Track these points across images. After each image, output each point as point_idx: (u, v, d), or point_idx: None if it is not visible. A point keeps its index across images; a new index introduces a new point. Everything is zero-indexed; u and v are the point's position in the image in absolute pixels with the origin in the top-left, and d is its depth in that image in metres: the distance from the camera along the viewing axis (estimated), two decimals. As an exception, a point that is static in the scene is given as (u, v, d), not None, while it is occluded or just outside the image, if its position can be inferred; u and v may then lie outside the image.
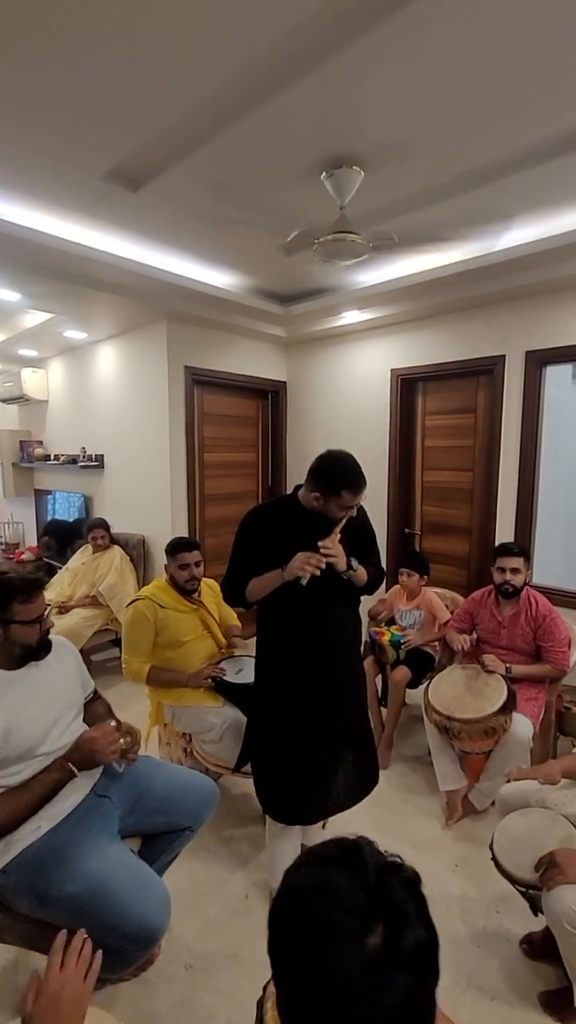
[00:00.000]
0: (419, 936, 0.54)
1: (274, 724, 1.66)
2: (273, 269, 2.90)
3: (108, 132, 1.68)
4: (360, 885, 0.55)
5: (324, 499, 1.56)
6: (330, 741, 1.63)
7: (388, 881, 0.57)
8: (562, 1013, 1.42)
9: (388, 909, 0.54)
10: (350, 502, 1.56)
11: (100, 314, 3.36)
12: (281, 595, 1.59)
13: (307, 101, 1.52)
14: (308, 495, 1.60)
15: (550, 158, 1.79)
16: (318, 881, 0.58)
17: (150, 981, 1.51)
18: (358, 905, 0.54)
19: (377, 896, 0.55)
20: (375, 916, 0.53)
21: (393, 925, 0.53)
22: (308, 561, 1.50)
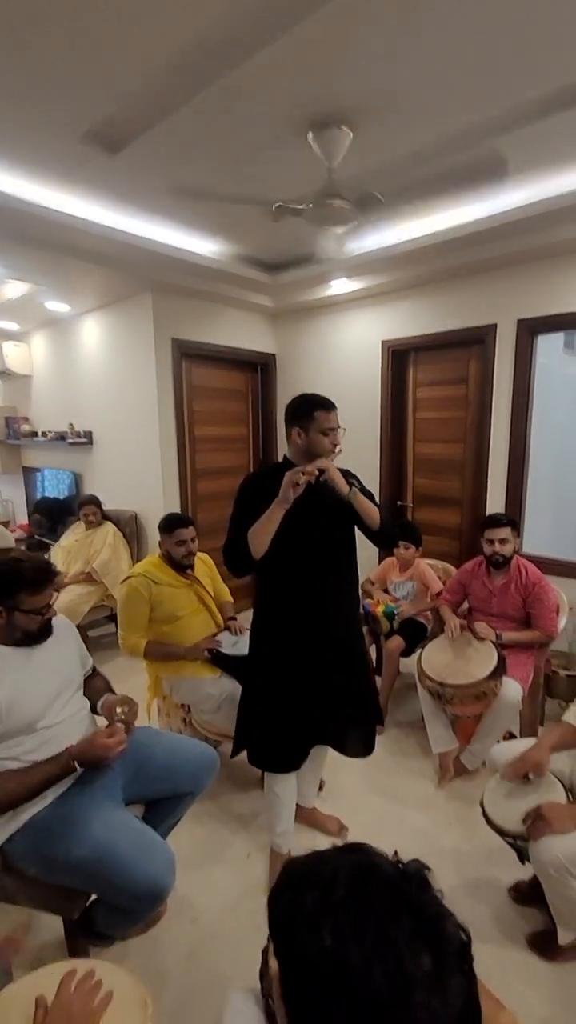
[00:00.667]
0: (456, 928, 0.52)
1: (269, 690, 1.68)
2: (260, 235, 2.82)
3: (84, 92, 1.60)
4: (410, 914, 0.51)
5: (304, 430, 1.57)
6: (325, 705, 1.65)
7: (417, 888, 0.54)
8: (547, 951, 1.51)
9: (430, 921, 0.51)
10: (327, 422, 1.57)
11: (83, 285, 3.26)
12: (279, 565, 1.59)
13: (292, 57, 1.45)
14: (293, 444, 1.61)
15: (542, 117, 1.74)
16: (375, 938, 0.49)
17: (157, 937, 1.58)
18: (413, 941, 0.49)
19: (420, 915, 0.51)
20: (425, 937, 0.50)
21: (438, 935, 0.50)
22: (298, 471, 1.47)
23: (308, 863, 0.58)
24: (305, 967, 0.50)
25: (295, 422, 1.60)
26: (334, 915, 0.51)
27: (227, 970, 1.49)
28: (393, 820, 2.07)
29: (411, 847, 1.93)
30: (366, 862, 0.56)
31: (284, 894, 0.56)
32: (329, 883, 0.54)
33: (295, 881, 0.57)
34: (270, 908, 0.57)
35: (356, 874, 0.55)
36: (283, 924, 0.54)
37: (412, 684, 2.44)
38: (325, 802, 2.10)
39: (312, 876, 0.55)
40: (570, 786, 1.57)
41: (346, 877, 0.54)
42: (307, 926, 0.51)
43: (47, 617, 1.46)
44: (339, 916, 0.50)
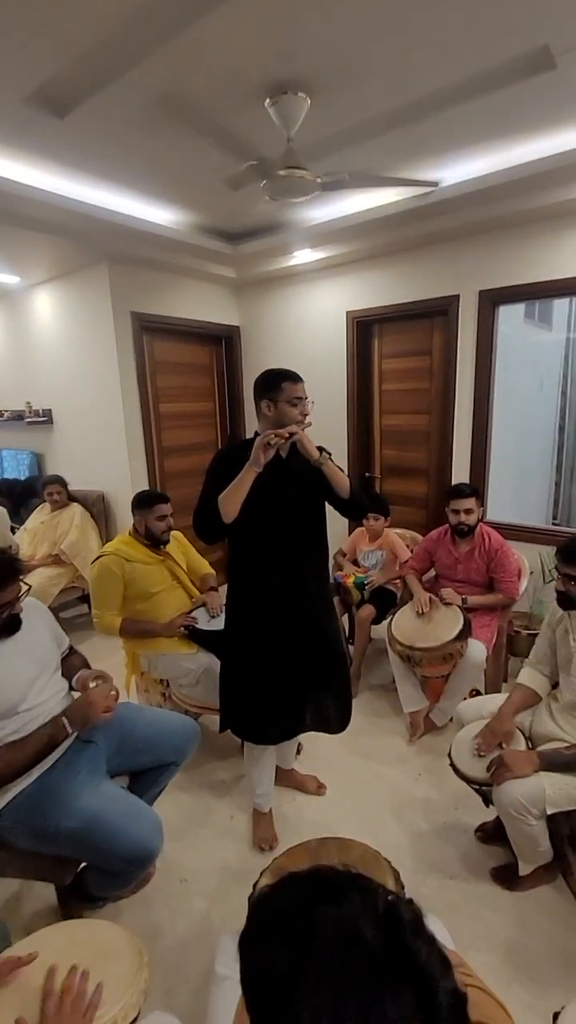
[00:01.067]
0: (449, 987, 0.47)
1: (245, 662, 1.73)
2: (219, 204, 2.74)
3: (27, 49, 1.50)
4: (393, 984, 0.45)
5: (273, 402, 1.60)
6: (300, 669, 1.71)
7: (405, 946, 0.47)
8: (509, 883, 1.66)
9: (420, 982, 0.46)
10: (294, 392, 1.59)
11: (32, 255, 3.11)
12: (250, 537, 1.62)
13: (248, 17, 1.40)
14: (263, 417, 1.63)
15: (503, 85, 1.73)
16: (352, 1015, 0.44)
17: (148, 896, 1.65)
18: (401, 1009, 0.44)
19: (409, 977, 0.46)
20: (413, 1002, 0.45)
21: (428, 994, 0.46)
22: (269, 432, 1.50)
23: (284, 907, 0.52)
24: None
25: (264, 395, 1.62)
26: (307, 989, 0.46)
27: (216, 922, 1.58)
28: (368, 776, 2.19)
29: (385, 798, 2.06)
30: (351, 923, 0.48)
31: (259, 944, 0.51)
32: (304, 946, 0.48)
33: (272, 931, 0.50)
34: (242, 954, 0.51)
35: (339, 941, 0.47)
36: (255, 983, 0.49)
37: (383, 650, 2.54)
38: (303, 763, 2.20)
39: (290, 933, 0.49)
40: (529, 735, 1.69)
41: (326, 941, 0.48)
42: (278, 994, 0.47)
43: (12, 612, 1.43)
44: (314, 991, 0.45)
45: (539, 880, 1.65)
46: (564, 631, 1.69)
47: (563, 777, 1.47)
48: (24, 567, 1.52)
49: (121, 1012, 0.87)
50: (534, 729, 1.70)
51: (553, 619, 1.75)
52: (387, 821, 1.95)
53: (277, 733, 1.77)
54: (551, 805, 1.44)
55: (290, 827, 1.91)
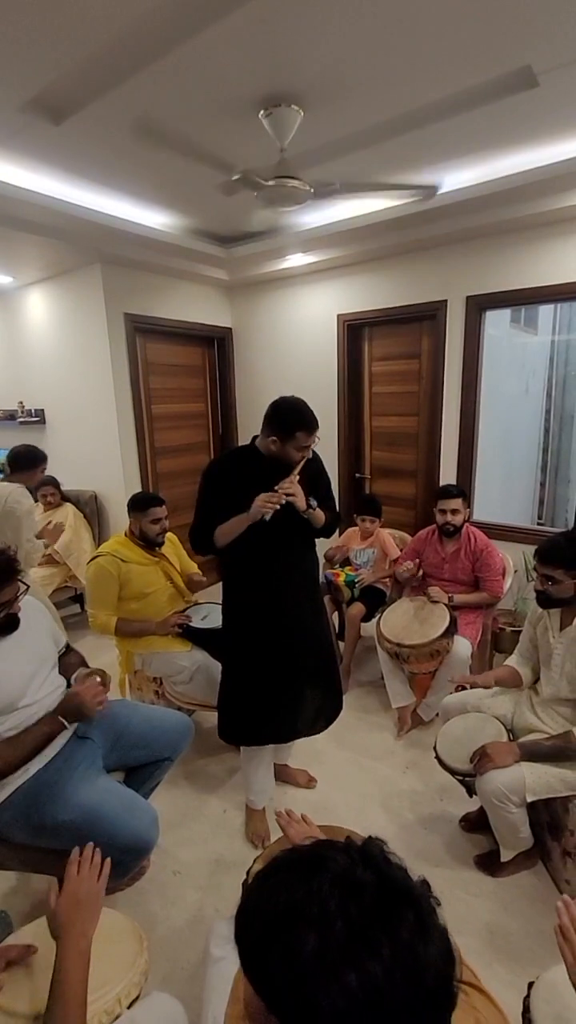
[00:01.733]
0: (424, 892, 0.54)
1: (244, 663, 1.79)
2: (212, 209, 2.78)
3: (26, 59, 1.53)
4: (370, 913, 0.50)
5: (281, 442, 1.64)
6: (295, 675, 1.78)
7: (380, 870, 0.54)
8: (492, 869, 1.73)
9: (407, 899, 0.52)
10: (305, 442, 1.65)
11: (25, 256, 3.12)
12: (244, 541, 1.68)
13: (243, 33, 1.44)
14: (265, 441, 1.68)
15: (488, 101, 1.79)
16: (342, 942, 0.48)
17: (143, 888, 1.70)
18: (398, 928, 0.49)
19: (391, 896, 0.52)
20: (402, 909, 0.51)
21: (418, 911, 0.51)
22: (269, 500, 1.60)
23: (278, 893, 0.55)
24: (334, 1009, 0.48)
25: (274, 431, 1.64)
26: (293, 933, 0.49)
27: (209, 912, 1.63)
28: (356, 769, 2.25)
29: (372, 791, 2.12)
30: (345, 876, 0.54)
31: (280, 936, 0.52)
32: (302, 900, 0.52)
33: (293, 918, 0.52)
34: (239, 937, 0.55)
35: (344, 894, 0.52)
36: (248, 878, 0.58)
37: (372, 647, 2.60)
38: (294, 757, 2.25)
39: (293, 896, 0.53)
40: (510, 728, 1.76)
41: (323, 894, 0.52)
42: (328, 973, 0.48)
43: (10, 612, 1.46)
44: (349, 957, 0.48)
45: (520, 866, 1.72)
46: (544, 628, 1.76)
47: (543, 767, 1.54)
48: (20, 569, 1.55)
49: (124, 991, 0.92)
50: (516, 722, 1.78)
51: (534, 617, 1.83)
52: (375, 812, 2.01)
53: (270, 733, 1.83)
54: (531, 793, 1.51)
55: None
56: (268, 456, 1.69)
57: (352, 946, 0.48)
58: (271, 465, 1.67)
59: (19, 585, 1.48)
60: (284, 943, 0.50)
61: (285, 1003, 0.50)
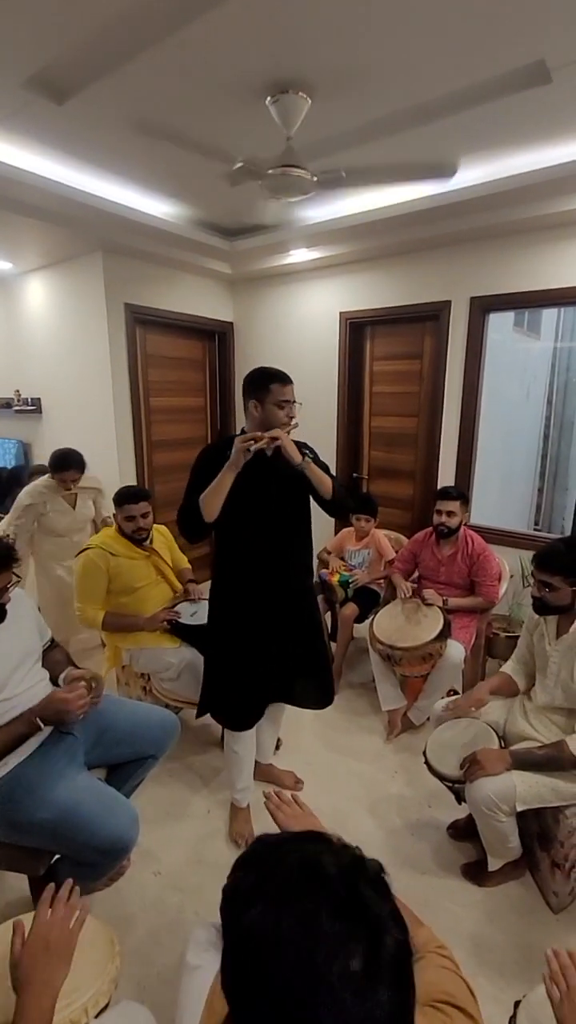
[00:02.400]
0: (397, 939, 0.49)
1: (227, 656, 1.75)
2: (217, 199, 2.74)
3: (28, 31, 1.49)
4: (335, 911, 0.49)
5: (260, 402, 1.61)
6: (282, 664, 1.74)
7: (357, 890, 0.51)
8: (479, 878, 1.70)
9: (366, 924, 0.49)
10: (281, 394, 1.60)
11: (25, 241, 3.07)
12: (238, 525, 1.63)
13: (251, 14, 1.40)
14: (249, 416, 1.64)
15: (499, 96, 1.76)
16: (290, 925, 0.48)
17: (122, 888, 1.65)
18: (339, 938, 0.47)
19: (352, 915, 0.49)
20: (356, 939, 0.47)
21: (374, 940, 0.48)
22: (250, 436, 1.51)
23: (266, 845, 0.58)
24: (232, 940, 0.52)
25: (251, 394, 1.63)
26: (262, 899, 0.51)
27: (189, 915, 1.59)
28: (344, 772, 2.22)
29: (360, 795, 2.08)
30: (313, 857, 0.54)
31: (235, 871, 0.57)
32: (271, 868, 0.54)
33: (248, 860, 0.57)
34: (228, 878, 0.58)
35: (298, 865, 0.53)
36: (225, 897, 0.56)
37: (365, 648, 2.57)
38: (281, 758, 2.22)
39: (261, 860, 0.56)
40: (502, 734, 1.73)
41: (288, 866, 0.53)
42: (241, 903, 0.52)
43: (1, 602, 1.42)
44: (266, 901, 0.51)
45: (507, 876, 1.69)
46: (540, 635, 1.73)
47: (534, 776, 1.51)
48: (18, 559, 1.51)
49: (91, 1000, 0.88)
50: (508, 728, 1.74)
51: (530, 623, 1.80)
52: (362, 817, 1.98)
53: (255, 715, 1.79)
54: (521, 803, 1.48)
55: (267, 821, 1.92)
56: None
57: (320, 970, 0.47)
58: (261, 454, 1.60)
59: (12, 576, 1.44)
60: (236, 882, 0.53)
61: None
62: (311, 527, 1.79)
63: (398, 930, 0.50)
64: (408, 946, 0.50)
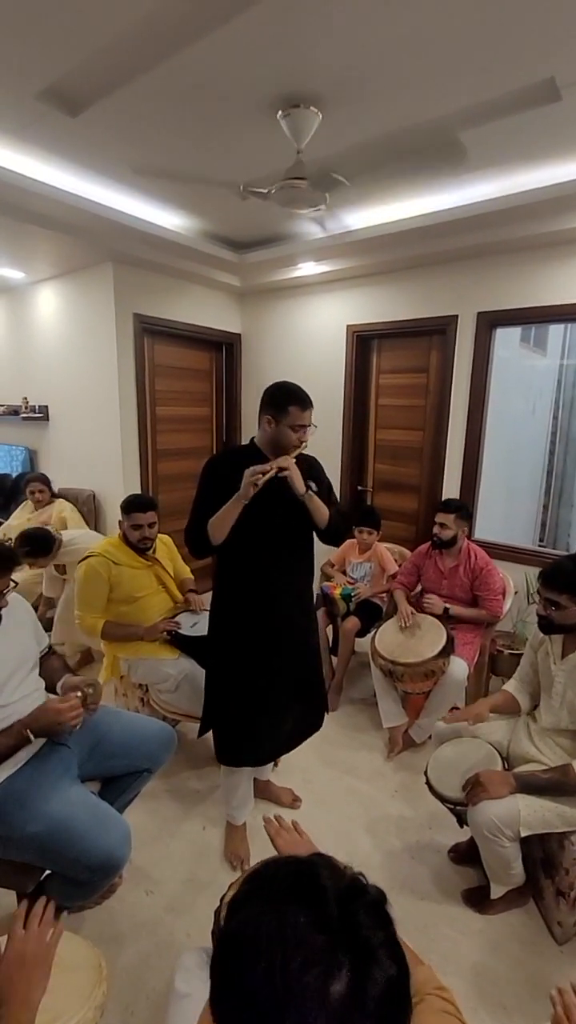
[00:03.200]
0: (388, 973, 0.46)
1: (227, 674, 1.72)
2: (227, 212, 2.76)
3: (43, 44, 1.51)
4: (320, 923, 0.47)
5: (275, 420, 1.60)
6: (279, 691, 1.72)
7: (351, 911, 0.49)
8: (480, 905, 1.64)
9: (353, 946, 0.46)
10: (299, 419, 1.60)
11: (37, 251, 3.10)
12: (241, 543, 1.61)
13: (263, 30, 1.42)
14: (262, 429, 1.63)
15: (507, 114, 1.77)
16: (270, 925, 0.47)
17: (113, 907, 1.61)
18: (319, 950, 0.45)
19: (340, 933, 0.47)
20: (340, 958, 0.45)
21: (360, 966, 0.45)
22: (258, 469, 1.50)
23: (269, 862, 0.57)
24: (217, 944, 0.52)
25: (268, 410, 1.61)
26: (251, 904, 0.51)
27: (180, 936, 1.54)
28: (343, 790, 2.17)
29: (358, 814, 2.03)
30: (310, 871, 0.53)
31: (238, 886, 0.57)
32: (266, 878, 0.53)
33: (250, 875, 0.57)
34: (214, 978, 0.56)
35: (293, 875, 0.53)
36: (221, 913, 0.57)
37: (366, 663, 2.53)
38: (279, 774, 2.17)
39: (259, 873, 0.55)
40: (506, 756, 1.69)
41: (283, 875, 0.53)
42: (231, 910, 0.52)
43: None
44: (253, 905, 0.50)
45: (510, 904, 1.63)
46: (545, 654, 1.69)
47: (538, 800, 1.47)
48: (19, 563, 1.49)
49: (75, 1026, 0.85)
50: (511, 750, 1.70)
51: (535, 641, 1.76)
52: (360, 837, 1.93)
53: (250, 755, 1.76)
54: (525, 827, 1.44)
55: (263, 840, 1.87)
56: (264, 444, 1.64)
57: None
58: (268, 460, 1.61)
59: (9, 581, 1.43)
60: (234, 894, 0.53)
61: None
62: (313, 549, 1.79)
63: (393, 966, 0.47)
64: (405, 987, 0.48)
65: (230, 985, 0.48)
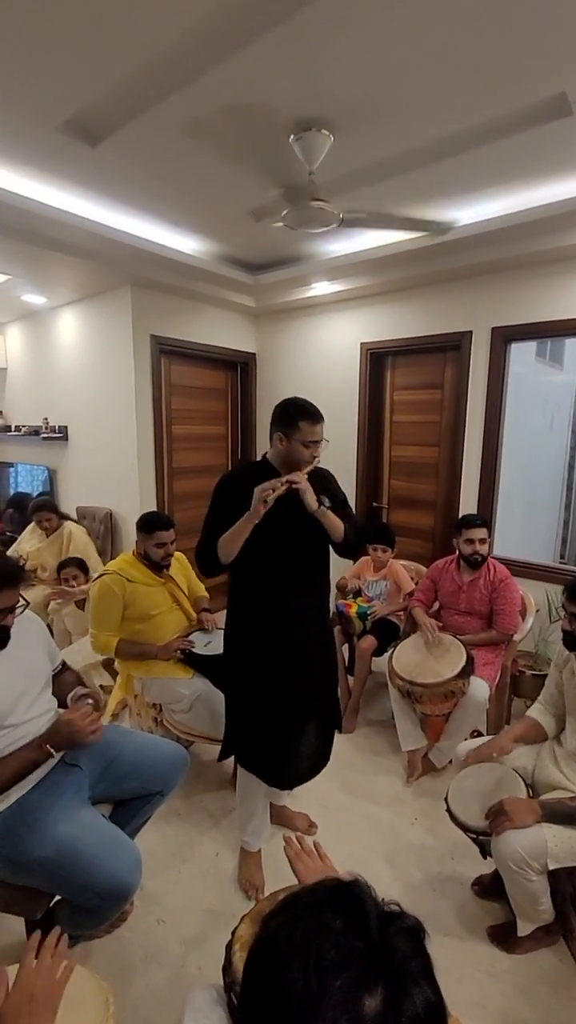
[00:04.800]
0: (427, 999, 0.45)
1: (246, 696, 1.70)
2: (242, 235, 2.82)
3: (64, 79, 1.58)
4: (359, 932, 0.46)
5: (287, 437, 1.59)
6: (295, 710, 1.68)
7: (389, 931, 0.48)
8: (507, 943, 1.55)
9: (391, 966, 0.45)
10: (310, 434, 1.58)
11: (60, 277, 3.20)
12: (255, 561, 1.59)
13: (274, 58, 1.46)
14: (273, 446, 1.63)
15: (519, 130, 1.78)
16: (307, 925, 0.47)
17: (123, 936, 1.56)
18: (356, 956, 0.44)
19: (378, 948, 0.46)
20: (376, 973, 0.44)
21: (397, 986, 0.44)
22: (269, 485, 1.47)
23: (306, 886, 0.56)
24: (251, 951, 0.52)
25: (279, 427, 1.61)
26: (287, 910, 0.50)
27: (192, 970, 1.48)
28: (361, 816, 2.10)
29: (377, 842, 1.96)
30: (349, 889, 0.52)
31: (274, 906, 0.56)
32: (304, 892, 0.53)
33: (287, 896, 0.56)
34: (245, 982, 0.56)
35: (333, 888, 0.52)
36: (233, 939, 0.57)
37: (383, 683, 2.46)
38: (295, 799, 2.11)
39: (296, 891, 0.55)
40: (531, 783, 1.61)
41: (321, 888, 0.52)
42: (267, 918, 0.52)
43: (3, 624, 1.38)
44: (290, 911, 0.50)
45: (539, 942, 1.54)
46: (571, 672, 1.63)
47: (566, 830, 1.39)
48: (28, 579, 1.49)
49: (79, 1066, 0.81)
50: (537, 776, 1.62)
51: (560, 660, 1.69)
52: (379, 867, 1.85)
53: (284, 779, 1.73)
54: (553, 860, 1.36)
55: (277, 867, 1.82)
56: (276, 461, 1.63)
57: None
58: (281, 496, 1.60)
59: (19, 597, 1.42)
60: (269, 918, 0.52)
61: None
62: (329, 566, 1.76)
63: (431, 991, 0.46)
64: (443, 1014, 0.46)
65: (262, 988, 0.47)
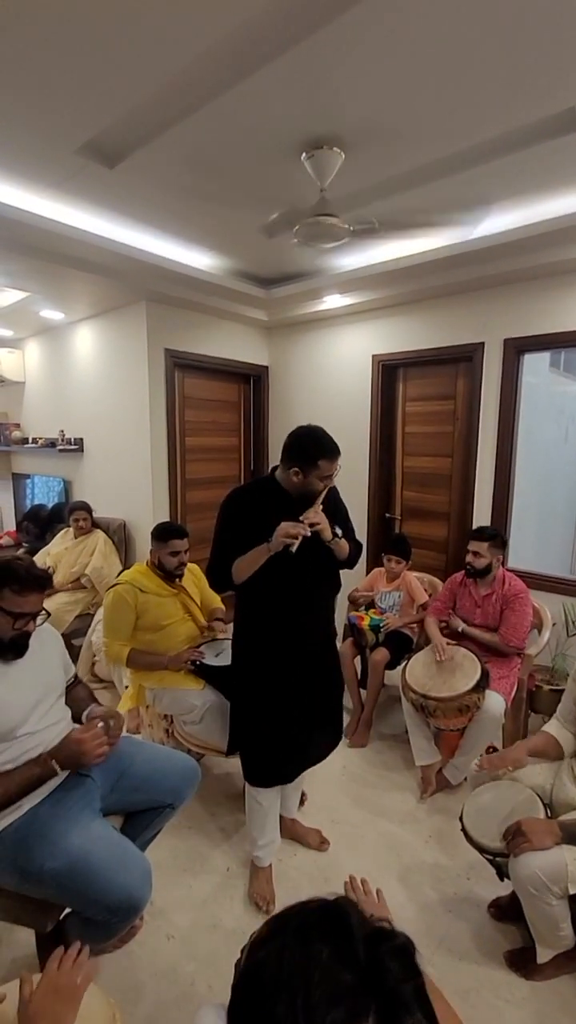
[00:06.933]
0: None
1: (251, 704, 1.71)
2: (254, 251, 2.87)
3: (82, 104, 1.63)
4: (347, 962, 0.46)
5: (303, 473, 1.59)
6: (303, 721, 1.70)
7: (379, 954, 0.47)
8: (525, 969, 1.50)
9: (382, 991, 0.45)
10: (328, 471, 1.59)
11: (77, 293, 3.28)
12: (264, 576, 1.60)
13: (286, 80, 1.49)
14: (286, 473, 1.63)
15: (530, 144, 1.79)
16: (294, 959, 0.46)
17: (132, 952, 1.55)
18: (346, 990, 0.44)
19: (368, 976, 0.45)
20: (366, 1004, 0.44)
21: (388, 1014, 0.44)
22: (293, 529, 1.51)
23: (296, 904, 0.56)
24: (238, 979, 0.52)
25: (297, 463, 1.59)
26: (275, 938, 0.50)
27: (201, 989, 1.46)
28: (374, 833, 2.06)
29: (390, 860, 1.92)
30: (338, 911, 0.51)
31: (263, 925, 0.57)
32: (293, 914, 0.53)
33: (277, 915, 0.57)
34: (231, 1012, 0.56)
35: (320, 912, 0.52)
36: (242, 957, 0.56)
37: (396, 696, 2.43)
38: (306, 814, 2.08)
39: (287, 912, 0.55)
40: (549, 802, 1.57)
41: (309, 912, 0.52)
42: (254, 947, 0.53)
43: (22, 630, 1.40)
44: (278, 939, 0.50)
45: (560, 969, 1.49)
46: (589, 689, 1.59)
47: (587, 853, 1.35)
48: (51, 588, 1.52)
49: None
50: (555, 796, 1.58)
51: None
52: (392, 886, 1.81)
53: (282, 777, 1.75)
54: (574, 884, 1.32)
55: (289, 883, 1.80)
56: (288, 488, 1.64)
57: None
58: (291, 498, 1.62)
59: (42, 605, 1.44)
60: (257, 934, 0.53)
61: None
62: (339, 583, 1.78)
63: (424, 1017, 0.45)
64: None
65: (249, 1021, 0.47)
